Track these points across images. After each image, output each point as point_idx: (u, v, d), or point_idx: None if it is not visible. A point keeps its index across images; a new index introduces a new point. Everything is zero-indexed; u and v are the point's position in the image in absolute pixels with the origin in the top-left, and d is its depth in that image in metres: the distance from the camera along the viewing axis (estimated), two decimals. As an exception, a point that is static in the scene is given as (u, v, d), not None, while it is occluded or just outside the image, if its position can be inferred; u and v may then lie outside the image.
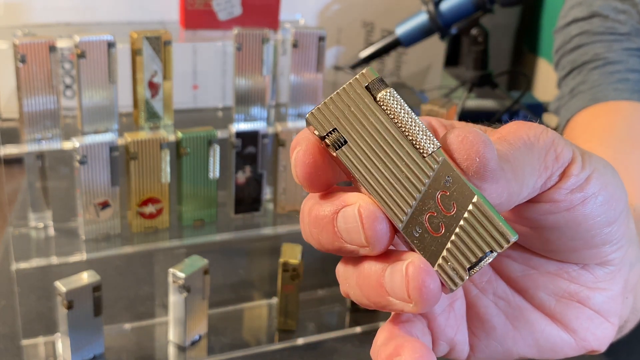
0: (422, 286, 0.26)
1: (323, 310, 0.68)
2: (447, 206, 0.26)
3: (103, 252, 0.60)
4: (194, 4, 0.77)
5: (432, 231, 0.26)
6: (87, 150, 0.58)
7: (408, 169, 0.26)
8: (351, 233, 0.27)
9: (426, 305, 0.26)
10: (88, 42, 0.58)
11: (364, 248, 0.27)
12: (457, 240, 0.26)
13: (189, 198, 0.64)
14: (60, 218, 0.65)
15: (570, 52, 0.70)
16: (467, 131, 0.26)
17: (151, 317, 0.65)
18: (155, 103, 0.63)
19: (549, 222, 0.30)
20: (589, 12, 0.69)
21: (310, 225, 0.28)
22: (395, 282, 0.26)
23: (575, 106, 0.66)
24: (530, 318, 0.33)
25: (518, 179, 0.27)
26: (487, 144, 0.26)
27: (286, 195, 0.67)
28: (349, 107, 0.27)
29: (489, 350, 0.33)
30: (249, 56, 0.64)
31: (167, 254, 0.69)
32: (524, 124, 0.30)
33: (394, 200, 0.26)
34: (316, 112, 0.27)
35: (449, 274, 0.26)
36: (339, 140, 0.26)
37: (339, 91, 0.27)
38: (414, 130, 0.26)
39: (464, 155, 0.26)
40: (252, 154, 0.65)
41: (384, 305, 0.27)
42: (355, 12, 1.08)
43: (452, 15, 0.97)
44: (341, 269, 0.29)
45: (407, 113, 0.26)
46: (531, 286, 0.33)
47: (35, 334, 0.61)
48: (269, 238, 0.71)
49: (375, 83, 0.26)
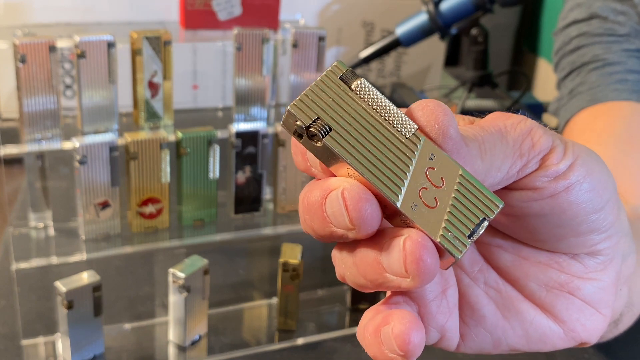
0: (419, 259, 0.26)
1: (323, 310, 0.68)
2: (437, 181, 0.27)
3: (103, 252, 0.60)
4: (194, 4, 0.77)
5: (427, 205, 0.27)
6: (87, 150, 0.58)
7: (394, 149, 0.27)
8: (337, 217, 0.27)
9: (424, 279, 0.26)
10: (88, 42, 0.58)
11: (350, 231, 0.27)
12: (453, 210, 0.27)
13: (189, 198, 0.64)
14: (60, 218, 0.65)
15: (569, 53, 0.70)
16: (429, 100, 0.28)
17: (151, 317, 0.65)
18: (155, 103, 0.63)
19: (534, 209, 0.31)
20: (588, 14, 0.69)
21: (304, 212, 0.28)
22: (392, 257, 0.27)
23: (574, 107, 0.66)
24: (520, 308, 0.34)
25: (485, 160, 0.28)
26: (446, 113, 0.28)
27: (286, 195, 0.67)
28: (328, 97, 0.27)
29: (478, 339, 0.34)
30: (249, 56, 0.64)
31: (167, 254, 0.69)
32: (503, 114, 0.31)
33: (387, 179, 0.27)
34: (297, 103, 0.27)
35: (453, 242, 0.27)
36: (324, 128, 0.27)
37: (314, 84, 0.28)
38: (391, 115, 0.27)
39: (424, 122, 0.27)
40: (252, 154, 0.65)
41: (381, 283, 0.27)
42: (355, 12, 1.08)
43: (452, 15, 0.97)
44: (337, 252, 0.29)
45: (382, 100, 0.28)
46: (522, 276, 0.33)
47: (35, 334, 0.61)
48: (269, 238, 0.71)
49: (348, 74, 0.28)
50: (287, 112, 0.27)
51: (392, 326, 0.27)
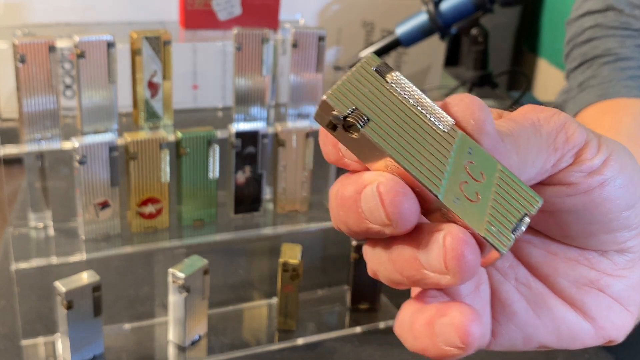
0: (460, 256, 0.25)
1: (323, 310, 0.68)
2: (477, 175, 0.27)
3: (103, 252, 0.60)
4: (194, 4, 0.77)
5: (469, 199, 0.26)
6: (86, 150, 0.57)
7: (433, 142, 0.26)
8: (373, 212, 0.26)
9: (464, 276, 0.25)
10: (88, 42, 0.58)
11: (387, 227, 0.26)
12: (495, 205, 0.27)
13: (189, 198, 0.64)
14: (60, 218, 0.65)
15: (581, 44, 0.69)
16: (464, 95, 0.27)
17: (151, 317, 0.65)
18: (155, 103, 0.63)
19: (567, 204, 0.30)
20: (604, 5, 0.68)
21: (338, 208, 0.27)
22: (431, 254, 0.26)
23: (583, 100, 0.65)
24: (551, 304, 0.33)
25: (520, 154, 0.28)
26: (482, 108, 0.27)
27: (286, 195, 0.67)
28: (363, 88, 0.26)
29: (509, 336, 0.33)
30: (248, 56, 0.64)
31: (167, 254, 0.69)
32: (535, 107, 0.30)
33: (428, 171, 0.26)
34: (334, 93, 0.26)
35: (498, 237, 0.26)
36: (362, 118, 0.26)
37: (348, 75, 0.27)
38: (427, 108, 0.27)
39: (460, 117, 0.27)
40: (252, 154, 0.65)
41: (418, 279, 0.27)
42: (355, 12, 1.08)
43: (452, 15, 0.97)
44: (370, 248, 0.28)
45: (418, 93, 0.27)
46: (552, 272, 0.33)
47: (35, 334, 0.61)
48: (269, 238, 0.71)
49: (382, 66, 0.27)
50: (322, 102, 0.26)
51: (451, 318, 0.26)
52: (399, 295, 0.69)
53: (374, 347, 0.63)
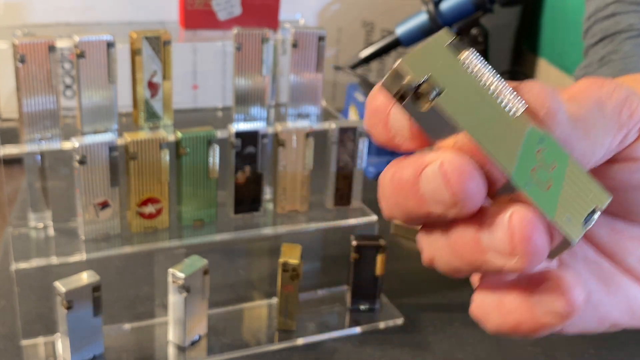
0: (530, 236, 0.24)
1: (323, 310, 0.68)
2: (548, 163, 0.25)
3: (103, 252, 0.60)
4: (193, 4, 0.77)
5: (540, 186, 0.25)
6: (86, 150, 0.57)
7: (505, 124, 0.25)
8: (436, 194, 0.25)
9: (532, 260, 0.24)
10: (88, 42, 0.58)
11: (451, 209, 0.25)
12: (567, 194, 0.25)
13: (189, 198, 0.64)
14: (60, 218, 0.65)
15: (603, 19, 0.68)
16: (534, 83, 0.26)
17: (151, 317, 0.65)
18: (154, 103, 0.63)
19: (633, 181, 0.29)
20: None
21: (394, 193, 0.26)
22: (496, 235, 0.24)
23: (604, 75, 0.64)
24: (622, 283, 0.32)
25: (590, 138, 0.27)
26: (552, 97, 0.26)
27: (286, 195, 0.67)
28: (437, 60, 0.25)
29: (584, 317, 0.32)
30: (248, 56, 0.64)
31: (167, 254, 0.69)
32: (595, 81, 0.29)
33: (501, 150, 0.25)
34: (410, 58, 0.25)
35: (569, 226, 0.25)
36: (434, 88, 0.25)
37: (421, 45, 0.25)
38: (501, 90, 0.26)
39: (531, 104, 0.26)
40: (252, 154, 0.65)
41: (479, 265, 0.25)
42: (355, 12, 1.08)
43: (452, 15, 0.97)
44: (425, 234, 0.27)
45: (491, 73, 0.26)
46: (618, 251, 0.32)
47: (35, 334, 0.61)
48: (269, 238, 0.71)
49: (457, 43, 0.26)
50: (395, 69, 0.25)
51: (556, 280, 0.25)
52: (399, 295, 0.69)
53: (374, 347, 0.63)
